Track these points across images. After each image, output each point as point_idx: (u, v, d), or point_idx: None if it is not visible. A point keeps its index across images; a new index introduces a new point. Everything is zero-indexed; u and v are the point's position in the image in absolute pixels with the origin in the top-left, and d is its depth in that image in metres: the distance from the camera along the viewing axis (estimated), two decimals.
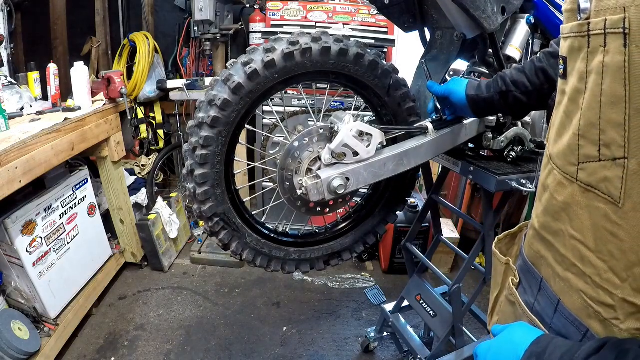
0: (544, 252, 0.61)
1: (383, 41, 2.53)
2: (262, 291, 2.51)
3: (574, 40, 0.49)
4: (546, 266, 0.61)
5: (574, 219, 0.53)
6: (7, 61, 2.24)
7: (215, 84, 1.01)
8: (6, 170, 1.47)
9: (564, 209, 0.55)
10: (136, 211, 2.63)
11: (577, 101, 0.49)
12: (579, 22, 0.47)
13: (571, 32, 0.49)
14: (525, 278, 0.68)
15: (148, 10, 3.05)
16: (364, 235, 1.32)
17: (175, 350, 2.04)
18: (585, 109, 0.48)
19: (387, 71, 1.10)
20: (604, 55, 0.44)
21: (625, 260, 0.48)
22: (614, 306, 0.50)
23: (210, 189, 1.03)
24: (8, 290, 1.82)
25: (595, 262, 0.51)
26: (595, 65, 0.45)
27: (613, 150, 0.45)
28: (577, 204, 0.52)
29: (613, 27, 0.42)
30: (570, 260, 0.55)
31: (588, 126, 0.48)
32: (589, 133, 0.48)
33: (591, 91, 0.46)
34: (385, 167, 1.07)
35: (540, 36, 1.37)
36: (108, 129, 2.21)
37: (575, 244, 0.53)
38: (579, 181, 0.51)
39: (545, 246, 0.61)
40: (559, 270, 0.57)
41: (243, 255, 1.16)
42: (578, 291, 0.54)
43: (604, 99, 0.45)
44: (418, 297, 1.68)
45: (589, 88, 0.47)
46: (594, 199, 0.49)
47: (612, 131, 0.45)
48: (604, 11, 0.43)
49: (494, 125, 1.25)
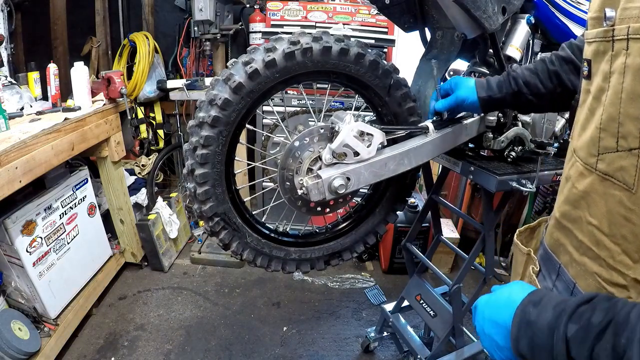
0: (563, 240, 0.66)
1: (383, 41, 2.54)
2: (262, 291, 2.51)
3: (599, 44, 0.54)
4: (564, 253, 0.66)
5: (591, 206, 0.58)
6: (7, 61, 2.24)
7: (216, 83, 1.00)
8: (6, 170, 1.47)
9: (583, 197, 0.60)
10: (136, 211, 2.63)
11: (600, 98, 0.54)
12: (604, 28, 0.52)
13: (597, 37, 0.55)
14: (545, 266, 0.72)
15: (148, 10, 3.05)
16: (365, 235, 1.32)
17: (175, 350, 2.03)
18: (607, 104, 0.53)
19: (387, 71, 1.10)
20: (626, 57, 0.49)
21: (638, 242, 0.52)
22: (627, 286, 0.54)
23: (211, 188, 1.03)
24: (8, 290, 1.82)
25: (610, 246, 0.55)
26: (617, 66, 0.51)
27: (629, 141, 0.50)
28: (595, 192, 0.57)
29: (635, 33, 0.47)
30: (587, 244, 0.59)
31: (609, 120, 0.53)
32: (609, 126, 0.53)
33: (613, 89, 0.51)
34: (386, 167, 1.07)
35: (540, 36, 1.37)
36: (108, 129, 2.21)
37: (592, 230, 0.58)
38: (597, 171, 0.56)
39: (565, 233, 0.66)
40: (576, 256, 0.62)
41: (243, 255, 1.16)
42: (593, 274, 0.59)
43: (624, 96, 0.50)
44: (418, 297, 1.68)
45: (611, 86, 0.52)
46: (610, 186, 0.54)
47: (629, 124, 0.50)
48: (627, 19, 0.48)
49: (494, 125, 1.25)
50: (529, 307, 0.55)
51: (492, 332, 0.60)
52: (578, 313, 0.48)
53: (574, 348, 0.47)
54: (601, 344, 0.44)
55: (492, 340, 0.60)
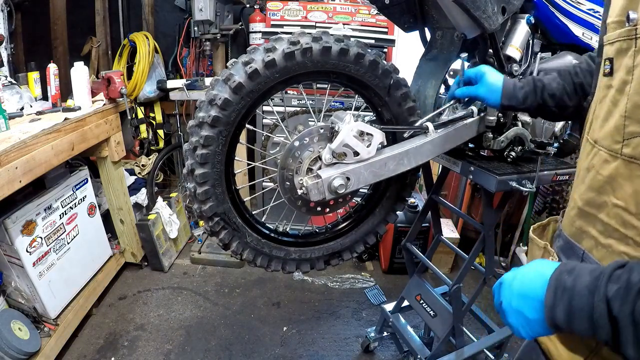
0: (585, 227, 0.69)
1: (383, 41, 2.54)
2: (262, 291, 2.51)
3: (622, 42, 0.60)
4: (588, 238, 0.68)
5: (617, 189, 0.61)
6: (7, 61, 2.24)
7: (216, 83, 1.00)
8: (6, 170, 1.47)
9: (609, 182, 0.63)
10: (136, 211, 2.63)
11: (623, 90, 0.59)
12: (627, 28, 0.59)
13: (619, 37, 0.60)
14: (566, 255, 0.74)
15: (148, 10, 3.05)
16: (364, 235, 1.32)
17: (175, 350, 2.04)
18: (632, 93, 0.58)
19: (387, 71, 1.10)
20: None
21: None
22: None
23: (211, 188, 1.03)
24: (8, 290, 1.82)
25: (637, 224, 0.59)
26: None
27: None
28: (621, 175, 0.61)
29: None
30: (613, 227, 0.62)
31: (634, 108, 0.57)
32: (634, 113, 0.58)
33: (637, 79, 0.57)
34: (386, 166, 1.07)
35: (540, 36, 1.37)
36: (108, 129, 2.21)
37: (618, 211, 0.61)
38: (623, 155, 0.60)
39: (588, 220, 0.68)
40: (602, 239, 0.65)
41: (243, 255, 1.16)
42: (620, 253, 0.61)
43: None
44: (418, 297, 1.68)
45: (635, 77, 0.57)
46: (636, 169, 0.58)
47: None
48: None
49: (494, 125, 1.25)
50: (563, 275, 0.56)
51: (521, 306, 0.61)
52: (616, 275, 0.51)
53: (615, 307, 0.49)
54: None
55: (520, 314, 0.61)
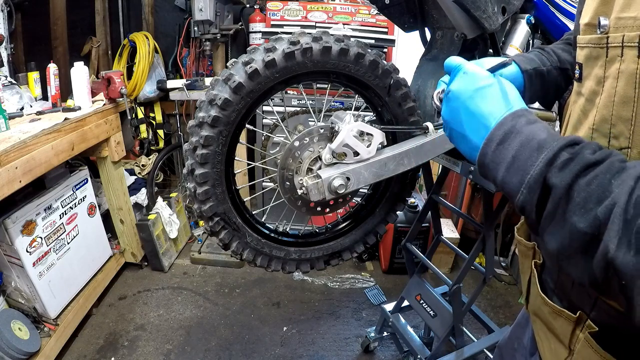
0: None
1: (383, 41, 2.53)
2: (262, 291, 2.51)
3: (592, 50, 0.56)
4: None
5: None
6: (7, 61, 2.24)
7: (216, 83, 1.00)
8: (6, 170, 1.47)
9: None
10: (136, 211, 2.63)
11: (593, 101, 0.57)
12: (598, 35, 0.55)
13: (589, 43, 0.57)
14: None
15: (148, 10, 3.05)
16: (364, 235, 1.32)
17: (175, 350, 2.04)
18: (601, 107, 0.55)
19: (387, 71, 1.10)
20: (620, 64, 0.52)
21: None
22: None
23: (211, 188, 1.03)
24: (8, 290, 1.82)
25: None
26: (612, 72, 0.53)
27: (620, 141, 0.53)
28: None
29: (630, 41, 0.50)
30: None
31: (602, 121, 0.55)
32: (601, 127, 0.55)
33: (607, 92, 0.54)
34: (386, 167, 1.07)
35: (540, 36, 1.38)
36: (108, 129, 2.21)
37: None
38: None
39: None
40: None
41: (243, 255, 1.16)
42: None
43: (616, 99, 0.52)
44: (418, 297, 1.68)
45: (605, 90, 0.54)
46: None
47: (621, 125, 0.53)
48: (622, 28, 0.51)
49: None
50: (522, 119, 0.54)
51: (467, 121, 0.60)
52: (573, 145, 0.48)
53: (553, 175, 0.46)
54: (587, 179, 0.44)
55: (460, 123, 0.61)
